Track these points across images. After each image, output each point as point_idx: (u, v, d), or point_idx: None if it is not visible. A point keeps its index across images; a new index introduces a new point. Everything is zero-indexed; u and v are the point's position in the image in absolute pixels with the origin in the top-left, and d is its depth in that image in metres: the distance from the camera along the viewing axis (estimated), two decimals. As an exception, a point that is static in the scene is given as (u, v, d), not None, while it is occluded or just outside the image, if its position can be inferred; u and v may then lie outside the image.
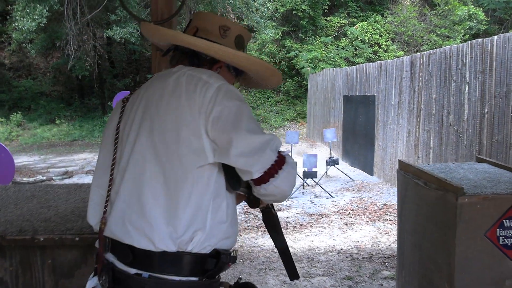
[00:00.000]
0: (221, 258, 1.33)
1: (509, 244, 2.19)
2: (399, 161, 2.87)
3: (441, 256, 2.32)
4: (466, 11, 17.34)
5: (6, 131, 14.47)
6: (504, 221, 2.18)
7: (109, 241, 1.34)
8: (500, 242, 2.19)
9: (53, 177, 9.06)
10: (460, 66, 5.61)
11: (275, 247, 1.63)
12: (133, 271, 1.28)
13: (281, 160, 1.33)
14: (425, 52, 6.63)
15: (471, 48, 5.36)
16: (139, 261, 1.28)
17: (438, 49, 6.25)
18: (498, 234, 2.18)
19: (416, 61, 6.84)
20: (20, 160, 11.47)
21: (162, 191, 1.29)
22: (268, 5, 15.83)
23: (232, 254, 1.40)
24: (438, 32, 17.73)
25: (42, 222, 1.79)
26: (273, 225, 1.61)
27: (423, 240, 2.53)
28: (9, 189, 2.25)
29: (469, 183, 2.34)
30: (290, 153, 7.90)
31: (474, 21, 17.71)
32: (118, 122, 1.46)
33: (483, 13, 17.95)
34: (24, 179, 8.79)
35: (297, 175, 1.43)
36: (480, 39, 5.26)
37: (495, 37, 4.93)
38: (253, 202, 1.53)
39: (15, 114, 15.20)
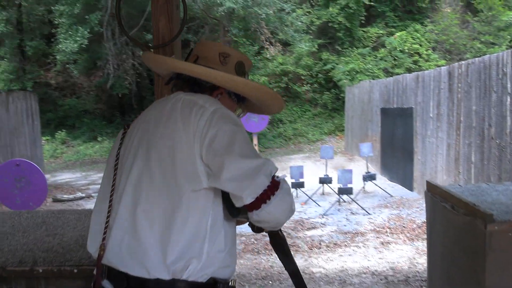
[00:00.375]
0: (218, 287, 1.30)
1: (548, 277, 1.98)
2: (427, 182, 2.69)
3: (471, 286, 2.13)
4: None
5: (51, 149, 15.03)
6: (540, 250, 1.97)
7: (106, 268, 1.33)
8: (537, 274, 1.98)
9: (92, 194, 9.27)
10: (500, 76, 5.31)
11: (286, 270, 1.58)
12: None
13: (275, 186, 1.28)
14: (463, 62, 6.34)
15: (512, 57, 5.06)
16: None
17: (476, 58, 5.96)
18: (534, 265, 1.97)
19: (454, 72, 6.55)
20: (63, 177, 11.85)
21: (157, 217, 1.28)
22: (303, 18, 15.77)
23: (230, 284, 1.36)
24: (482, 39, 17.06)
25: (43, 252, 1.77)
26: (281, 248, 1.56)
27: (452, 267, 2.34)
28: (22, 215, 2.26)
29: (501, 208, 2.14)
30: (327, 169, 7.60)
31: (521, 27, 16.93)
32: (118, 149, 1.47)
33: (531, 18, 17.14)
34: (65, 196, 9.05)
35: (293, 202, 1.38)
36: (521, 47, 4.96)
37: (537, 44, 4.63)
38: (256, 227, 1.47)
39: (60, 132, 15.77)
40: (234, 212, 1.33)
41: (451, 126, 6.66)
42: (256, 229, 1.49)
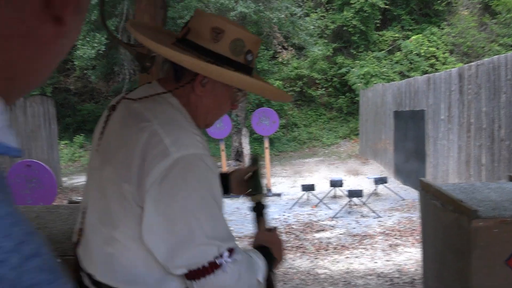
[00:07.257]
0: None
1: (534, 274, 1.95)
2: (420, 180, 2.68)
3: (458, 287, 2.12)
4: (531, 18, 16.33)
5: (69, 153, 15.29)
6: (526, 247, 1.95)
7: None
8: (523, 271, 1.96)
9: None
10: (509, 77, 5.24)
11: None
12: None
13: (212, 267, 1.13)
14: (473, 63, 6.28)
15: (520, 57, 5.00)
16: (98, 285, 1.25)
17: (486, 59, 5.89)
18: (520, 262, 1.95)
19: (464, 73, 6.48)
20: (80, 180, 12.04)
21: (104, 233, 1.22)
22: (318, 22, 15.74)
23: None
24: (501, 42, 16.79)
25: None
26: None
27: (443, 268, 2.33)
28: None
29: (489, 205, 2.13)
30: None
31: (541, 28, 16.63)
32: (101, 133, 1.34)
33: (551, 19, 16.82)
34: (79, 198, 9.23)
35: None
36: (529, 47, 4.89)
37: (545, 44, 4.56)
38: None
39: (78, 136, 16.05)
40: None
41: (462, 128, 6.58)
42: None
